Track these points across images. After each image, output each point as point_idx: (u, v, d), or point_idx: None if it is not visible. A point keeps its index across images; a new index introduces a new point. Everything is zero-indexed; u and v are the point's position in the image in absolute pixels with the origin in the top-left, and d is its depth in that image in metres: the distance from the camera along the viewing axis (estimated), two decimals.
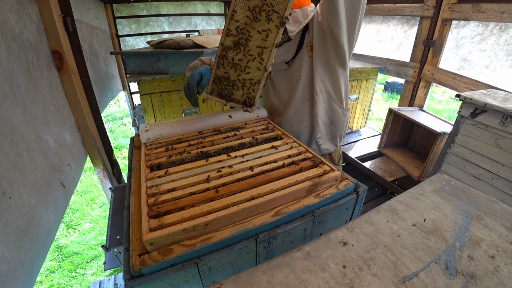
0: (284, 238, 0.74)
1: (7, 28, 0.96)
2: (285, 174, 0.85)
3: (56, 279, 2.46)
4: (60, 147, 1.27)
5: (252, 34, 0.95)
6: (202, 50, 1.99)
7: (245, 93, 1.07)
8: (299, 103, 1.40)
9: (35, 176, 0.99)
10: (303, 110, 1.42)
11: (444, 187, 0.75)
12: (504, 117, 1.60)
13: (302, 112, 1.42)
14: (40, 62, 1.21)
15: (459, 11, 2.07)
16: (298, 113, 1.43)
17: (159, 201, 0.74)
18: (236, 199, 0.73)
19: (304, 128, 1.46)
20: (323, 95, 1.36)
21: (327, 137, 1.50)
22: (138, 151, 1.11)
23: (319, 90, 1.34)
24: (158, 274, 0.60)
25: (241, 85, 1.05)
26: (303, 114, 1.42)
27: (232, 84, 1.06)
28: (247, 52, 0.98)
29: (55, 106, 1.29)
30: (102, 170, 1.83)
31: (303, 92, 1.37)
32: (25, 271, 0.85)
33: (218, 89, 1.09)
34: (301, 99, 1.39)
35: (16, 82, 0.97)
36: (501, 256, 0.53)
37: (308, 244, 0.57)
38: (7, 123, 0.87)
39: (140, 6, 3.07)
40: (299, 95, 1.37)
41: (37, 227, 0.95)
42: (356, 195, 0.85)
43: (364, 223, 0.63)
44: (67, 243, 2.82)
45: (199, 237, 0.66)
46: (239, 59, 1.00)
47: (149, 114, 2.21)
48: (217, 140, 1.08)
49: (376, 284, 0.48)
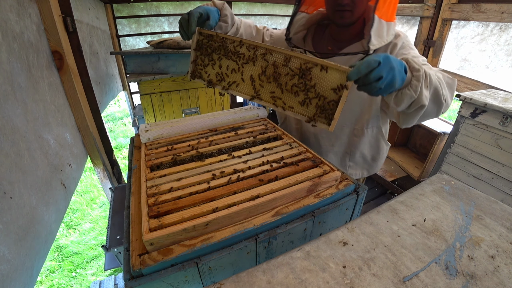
0: (284, 238, 0.74)
1: (7, 28, 0.97)
2: (285, 174, 0.85)
3: (56, 279, 2.46)
4: (61, 147, 1.27)
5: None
6: None
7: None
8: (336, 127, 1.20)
9: (35, 176, 0.99)
10: (339, 136, 1.20)
11: (444, 187, 0.75)
12: (504, 117, 1.60)
13: (336, 138, 1.21)
14: (41, 62, 1.21)
15: (459, 11, 2.07)
16: (331, 136, 1.22)
17: (159, 201, 0.74)
18: (236, 199, 0.73)
19: (333, 154, 1.26)
20: (373, 130, 1.15)
21: (359, 168, 1.30)
22: (138, 151, 1.11)
23: (371, 124, 1.11)
24: (158, 274, 0.60)
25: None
26: (337, 139, 1.22)
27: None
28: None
29: (55, 106, 1.29)
30: (102, 170, 1.83)
31: (344, 117, 1.13)
32: (26, 271, 0.85)
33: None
34: (339, 124, 1.16)
35: (17, 82, 0.97)
36: (501, 256, 0.53)
37: (308, 244, 0.57)
38: (8, 123, 0.87)
39: (140, 6, 3.07)
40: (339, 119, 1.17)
41: (38, 227, 0.96)
42: (356, 195, 0.85)
43: (364, 223, 0.63)
44: (67, 243, 2.82)
45: (199, 237, 0.66)
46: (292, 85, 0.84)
47: (149, 114, 2.21)
48: (217, 140, 1.08)
49: (376, 284, 0.48)
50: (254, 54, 0.88)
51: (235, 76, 0.93)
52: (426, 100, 0.78)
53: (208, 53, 0.94)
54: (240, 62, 0.91)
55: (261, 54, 0.87)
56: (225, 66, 0.93)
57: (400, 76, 0.70)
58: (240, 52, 0.90)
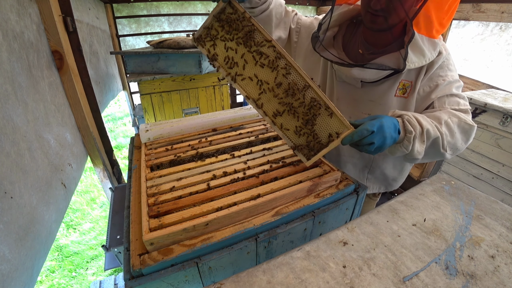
0: (284, 238, 0.74)
1: (8, 28, 0.97)
2: (285, 174, 0.85)
3: (56, 279, 2.47)
4: (61, 147, 1.27)
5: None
6: None
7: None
8: None
9: (36, 176, 0.99)
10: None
11: (444, 187, 0.75)
12: (504, 117, 1.60)
13: (355, 151, 1.12)
14: (41, 62, 1.21)
15: (459, 11, 2.07)
16: (351, 148, 1.11)
17: (159, 201, 0.74)
18: (236, 199, 0.73)
19: (352, 165, 1.16)
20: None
21: (378, 183, 1.20)
22: (138, 151, 1.11)
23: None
24: (158, 274, 0.60)
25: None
26: (357, 152, 1.12)
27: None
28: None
29: (55, 106, 1.29)
30: (102, 170, 1.83)
31: None
32: (26, 270, 0.85)
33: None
34: None
35: (18, 82, 0.98)
36: (501, 256, 0.53)
37: (308, 244, 0.57)
38: (9, 122, 0.87)
39: (140, 6, 3.07)
40: None
41: (38, 226, 0.96)
42: (356, 195, 0.85)
43: (364, 223, 0.63)
44: (67, 243, 2.82)
45: (199, 237, 0.66)
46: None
47: (149, 114, 2.21)
48: (217, 140, 1.08)
49: (376, 284, 0.48)
50: (277, 63, 0.79)
51: (246, 71, 0.82)
52: (419, 154, 0.82)
53: (228, 30, 0.80)
54: (259, 61, 0.80)
55: (283, 68, 0.79)
56: (240, 54, 0.81)
57: (392, 139, 0.76)
58: (264, 52, 0.79)
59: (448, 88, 0.92)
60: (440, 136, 0.82)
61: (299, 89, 0.79)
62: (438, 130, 0.83)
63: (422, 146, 0.82)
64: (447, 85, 0.92)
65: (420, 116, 0.83)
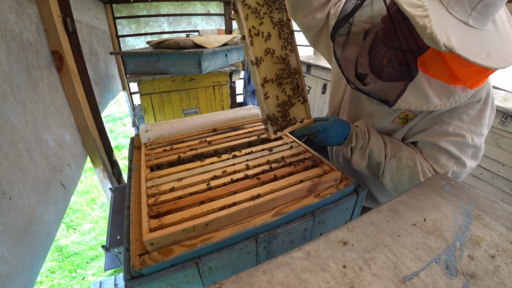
0: (284, 238, 0.74)
1: (6, 29, 0.96)
2: (285, 174, 0.85)
3: (56, 279, 2.46)
4: (60, 148, 1.27)
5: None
6: (202, 50, 1.99)
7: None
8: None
9: (35, 177, 0.99)
10: None
11: (444, 187, 0.75)
12: (504, 116, 1.60)
13: (350, 168, 1.11)
14: (40, 63, 1.21)
15: None
16: (345, 165, 1.13)
17: (159, 201, 0.74)
18: (236, 199, 0.73)
19: (353, 171, 1.09)
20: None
21: (369, 201, 1.17)
22: (138, 151, 1.11)
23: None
24: (158, 274, 0.60)
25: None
26: (348, 169, 1.12)
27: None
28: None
29: (55, 106, 1.29)
30: (102, 171, 1.83)
31: None
32: (25, 271, 0.85)
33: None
34: None
35: (16, 83, 0.97)
36: (501, 256, 0.53)
37: (308, 244, 0.57)
38: (7, 123, 0.87)
39: (140, 6, 3.07)
40: None
41: (37, 227, 0.95)
42: (356, 195, 0.85)
43: (364, 223, 0.63)
44: (67, 243, 2.82)
45: (199, 237, 0.66)
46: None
47: (149, 114, 2.21)
48: (217, 140, 1.08)
49: (376, 283, 0.48)
50: (288, 38, 0.87)
51: (262, 26, 0.83)
52: (356, 165, 0.94)
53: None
54: (275, 34, 0.84)
55: (289, 43, 0.87)
56: (262, 12, 0.82)
57: (336, 141, 0.91)
58: (284, 30, 0.86)
59: (438, 137, 0.80)
60: (383, 164, 0.89)
61: (291, 71, 0.89)
62: (384, 157, 0.88)
63: (362, 160, 0.92)
64: (440, 134, 0.80)
65: (376, 136, 0.90)
